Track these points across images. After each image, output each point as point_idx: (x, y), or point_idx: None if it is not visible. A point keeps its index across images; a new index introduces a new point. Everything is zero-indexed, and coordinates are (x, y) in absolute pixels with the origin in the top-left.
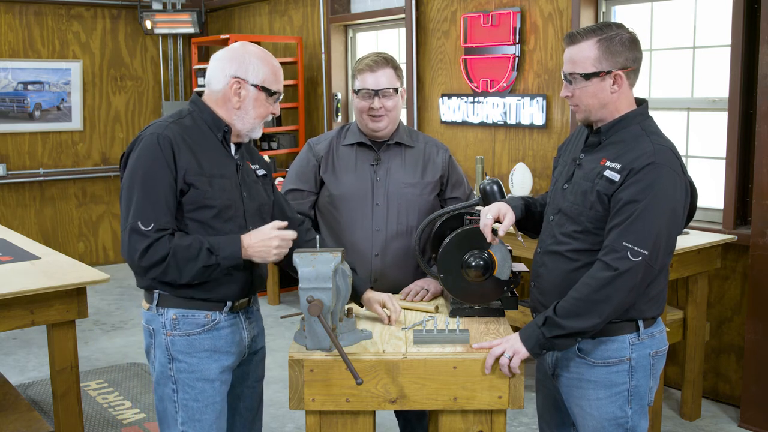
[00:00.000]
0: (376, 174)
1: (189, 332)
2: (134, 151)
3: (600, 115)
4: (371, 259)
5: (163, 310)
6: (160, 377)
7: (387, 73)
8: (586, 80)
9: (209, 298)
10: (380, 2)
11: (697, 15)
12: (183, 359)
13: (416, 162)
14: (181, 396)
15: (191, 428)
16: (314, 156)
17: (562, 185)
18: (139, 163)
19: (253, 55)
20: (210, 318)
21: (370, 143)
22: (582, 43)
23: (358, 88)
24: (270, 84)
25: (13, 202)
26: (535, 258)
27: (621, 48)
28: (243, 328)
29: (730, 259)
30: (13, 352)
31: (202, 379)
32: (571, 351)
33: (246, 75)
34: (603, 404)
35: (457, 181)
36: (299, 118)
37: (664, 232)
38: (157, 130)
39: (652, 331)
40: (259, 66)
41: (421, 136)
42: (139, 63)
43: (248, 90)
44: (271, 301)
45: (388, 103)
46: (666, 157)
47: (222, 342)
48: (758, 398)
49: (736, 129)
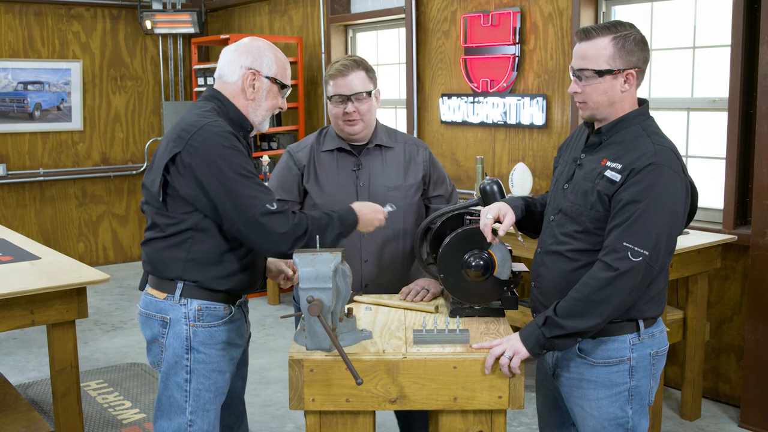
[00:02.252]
0: (359, 179)
1: (211, 324)
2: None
3: (606, 113)
4: (361, 265)
5: (186, 301)
6: (172, 366)
7: (359, 76)
8: (599, 77)
9: (231, 289)
10: (380, 2)
11: (697, 15)
12: (203, 350)
13: (398, 164)
14: (194, 386)
15: (199, 417)
16: (296, 164)
17: (563, 185)
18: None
19: (266, 48)
20: (227, 311)
21: (350, 148)
22: (597, 39)
23: (331, 94)
24: (282, 77)
25: (13, 202)
26: (535, 258)
27: (635, 47)
28: (245, 321)
29: (730, 259)
30: (13, 352)
31: (217, 370)
32: (571, 351)
33: (261, 67)
34: (603, 404)
35: (438, 178)
36: (299, 118)
37: (664, 232)
38: (217, 129)
39: (652, 331)
40: (272, 59)
41: (399, 135)
42: (139, 63)
43: (262, 82)
44: (271, 301)
45: (361, 107)
46: (667, 158)
47: (234, 334)
48: (758, 398)
49: (736, 129)
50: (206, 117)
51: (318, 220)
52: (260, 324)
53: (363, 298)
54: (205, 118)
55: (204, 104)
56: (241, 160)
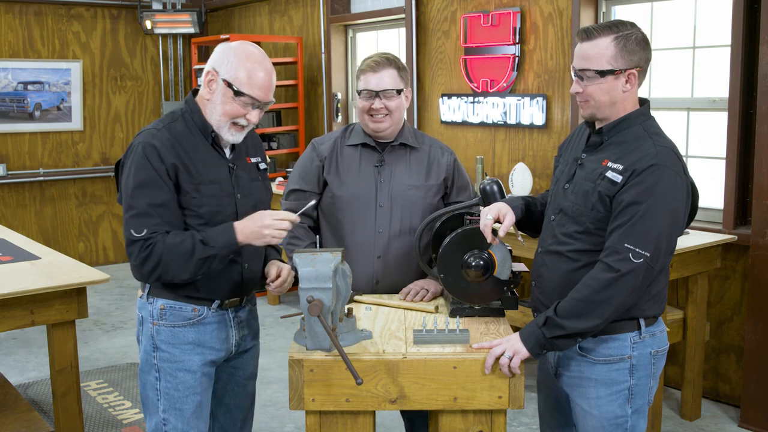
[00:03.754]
0: (380, 175)
1: (174, 324)
2: (126, 162)
3: (607, 113)
4: (374, 261)
5: (152, 299)
6: (144, 365)
7: (390, 73)
8: (600, 77)
9: (198, 296)
10: (380, 2)
11: (697, 15)
12: (166, 349)
13: (421, 164)
14: (164, 384)
15: (172, 416)
16: (318, 156)
17: (564, 185)
18: (130, 174)
19: (237, 52)
20: (197, 312)
21: (375, 144)
22: (598, 39)
23: (360, 89)
24: (240, 85)
25: (13, 202)
26: (536, 258)
27: (636, 47)
28: (231, 326)
29: (730, 259)
30: (13, 352)
31: (184, 369)
32: (572, 350)
33: (220, 68)
34: (603, 403)
35: (462, 185)
36: (299, 118)
37: (665, 233)
38: (145, 138)
39: (653, 330)
40: (235, 63)
41: (426, 138)
42: (139, 63)
43: (218, 83)
44: (271, 301)
45: (390, 104)
46: (668, 159)
47: (207, 337)
48: (758, 398)
49: (736, 129)
50: (156, 123)
51: (178, 246)
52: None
53: (363, 298)
54: (154, 124)
55: (178, 107)
56: (142, 176)
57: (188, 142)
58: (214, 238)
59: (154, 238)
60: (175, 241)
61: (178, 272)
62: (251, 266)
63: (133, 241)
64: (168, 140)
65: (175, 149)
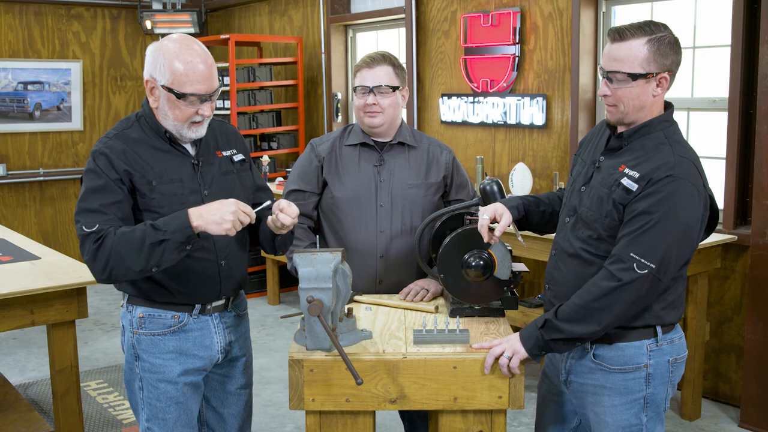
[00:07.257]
0: (380, 175)
1: (154, 332)
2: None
3: (635, 117)
4: (376, 261)
5: (132, 308)
6: (128, 373)
7: (385, 70)
8: (632, 80)
9: (176, 301)
10: (380, 2)
11: (697, 15)
12: (146, 359)
13: (420, 162)
14: (146, 394)
15: (156, 425)
16: (317, 156)
17: (580, 187)
18: (84, 182)
19: (165, 52)
20: (177, 319)
21: (373, 143)
22: (631, 41)
23: (356, 85)
24: (179, 86)
25: (13, 202)
26: (549, 260)
27: (669, 50)
28: (215, 332)
29: (730, 259)
30: (13, 352)
31: (165, 380)
32: (586, 357)
33: (156, 74)
34: (618, 411)
35: (461, 183)
36: (299, 118)
37: (674, 246)
38: (98, 147)
39: (671, 337)
40: (167, 65)
41: (425, 137)
42: (139, 63)
43: (159, 90)
44: (271, 301)
45: (383, 100)
46: (686, 170)
47: (189, 344)
48: (758, 398)
49: (736, 129)
50: (110, 131)
51: (128, 234)
52: (260, 324)
53: (363, 298)
54: (108, 132)
55: (131, 116)
56: (95, 183)
57: (143, 146)
58: (166, 222)
59: (106, 230)
60: (126, 230)
61: (131, 263)
62: (229, 263)
63: (84, 236)
64: (119, 148)
65: (126, 156)
